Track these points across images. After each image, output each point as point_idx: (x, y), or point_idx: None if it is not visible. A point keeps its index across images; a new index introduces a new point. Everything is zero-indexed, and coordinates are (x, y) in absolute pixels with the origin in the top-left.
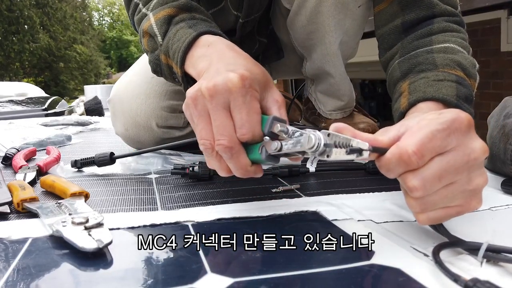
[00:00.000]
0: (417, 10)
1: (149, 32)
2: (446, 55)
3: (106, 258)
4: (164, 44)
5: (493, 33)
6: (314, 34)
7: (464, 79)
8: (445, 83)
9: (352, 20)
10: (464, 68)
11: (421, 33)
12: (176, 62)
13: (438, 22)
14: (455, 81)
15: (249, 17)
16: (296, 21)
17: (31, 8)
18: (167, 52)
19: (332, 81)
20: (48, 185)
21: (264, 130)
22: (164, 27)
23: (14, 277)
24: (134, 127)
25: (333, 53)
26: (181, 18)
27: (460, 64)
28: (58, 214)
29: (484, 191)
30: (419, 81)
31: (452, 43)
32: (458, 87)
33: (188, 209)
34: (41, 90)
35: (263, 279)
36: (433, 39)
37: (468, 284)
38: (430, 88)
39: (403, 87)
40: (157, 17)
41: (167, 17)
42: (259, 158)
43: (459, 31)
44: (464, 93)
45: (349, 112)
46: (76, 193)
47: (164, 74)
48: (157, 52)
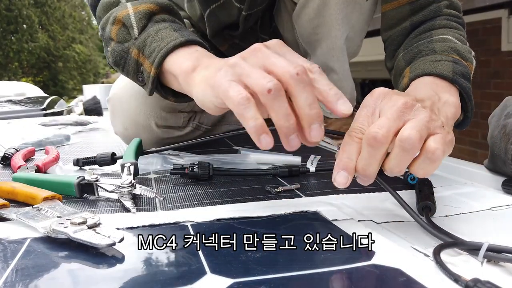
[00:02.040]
0: (425, 12)
1: (123, 22)
2: (444, 43)
3: (106, 258)
4: (141, 39)
5: (493, 32)
6: (320, 28)
7: (460, 60)
8: (442, 62)
9: (359, 14)
10: (460, 53)
11: (423, 29)
12: (152, 61)
13: (440, 20)
14: (451, 61)
15: (252, 10)
16: (302, 14)
17: (30, 7)
18: (142, 48)
19: (335, 77)
20: (6, 192)
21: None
22: (143, 21)
23: (13, 278)
24: (133, 127)
25: (338, 47)
26: (162, 18)
27: (457, 50)
28: (46, 217)
29: (484, 191)
30: (418, 63)
31: (450, 36)
32: (455, 65)
33: (188, 209)
34: (39, 89)
35: (263, 280)
36: (433, 33)
37: (469, 284)
38: (428, 66)
39: (405, 71)
40: (136, 8)
41: (148, 12)
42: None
43: (458, 28)
44: (460, 70)
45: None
46: (49, 197)
47: (127, 69)
48: (128, 45)
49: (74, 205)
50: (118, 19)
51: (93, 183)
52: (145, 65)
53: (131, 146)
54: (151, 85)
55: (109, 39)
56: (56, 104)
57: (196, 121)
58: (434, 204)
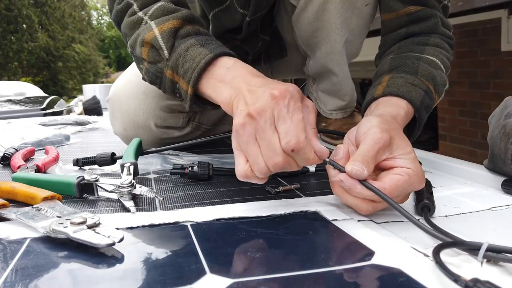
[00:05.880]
0: (422, 25)
1: (152, 44)
2: (428, 67)
3: (105, 258)
4: (172, 60)
5: (493, 32)
6: (319, 31)
7: (432, 92)
8: (416, 89)
9: (358, 18)
10: (436, 84)
11: (418, 41)
12: (188, 81)
13: (435, 37)
14: (424, 90)
15: (256, 15)
16: (302, 17)
17: (30, 7)
18: (175, 68)
19: (335, 80)
20: (6, 192)
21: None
22: (170, 41)
23: (13, 278)
24: (133, 127)
25: (338, 51)
26: (186, 32)
27: (435, 79)
28: (46, 217)
29: (484, 191)
30: (398, 79)
31: (438, 60)
32: (425, 97)
33: (187, 209)
34: (39, 89)
35: (262, 280)
36: (426, 49)
37: (469, 284)
38: (404, 88)
39: (384, 79)
40: (161, 29)
41: (172, 30)
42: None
43: (448, 50)
44: (427, 103)
45: (350, 112)
46: (49, 197)
47: (164, 87)
48: (161, 65)
49: (74, 205)
50: (146, 41)
51: (92, 183)
52: (180, 84)
53: (131, 146)
54: (189, 102)
55: (141, 59)
56: (56, 104)
57: (196, 121)
58: (433, 204)
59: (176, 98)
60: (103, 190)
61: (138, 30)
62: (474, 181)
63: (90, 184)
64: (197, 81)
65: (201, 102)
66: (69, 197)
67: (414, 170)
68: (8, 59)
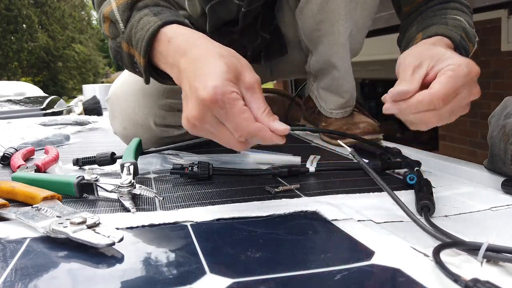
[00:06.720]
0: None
1: (110, 18)
2: (455, 21)
3: (105, 258)
4: (127, 32)
5: (493, 32)
6: (323, 23)
7: (465, 40)
8: (452, 32)
9: (362, 9)
10: (468, 34)
11: (438, 8)
12: (139, 52)
13: (454, 3)
14: (459, 35)
15: (252, 6)
16: (306, 10)
17: (30, 7)
18: (130, 40)
19: (337, 74)
20: (6, 192)
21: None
22: (126, 13)
23: (12, 277)
24: (132, 126)
25: (341, 43)
26: (144, 4)
27: (465, 30)
28: (46, 217)
29: (484, 191)
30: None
31: (462, 18)
32: (461, 39)
33: (187, 209)
34: (39, 89)
35: (262, 280)
36: (448, 11)
37: (468, 284)
38: (441, 30)
39: (417, 35)
40: (118, 2)
41: (129, 3)
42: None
43: (468, 15)
44: (463, 45)
45: (350, 111)
46: (49, 197)
47: (124, 63)
48: (119, 40)
49: (74, 204)
50: (105, 16)
51: (92, 182)
52: (136, 56)
53: (130, 146)
54: (145, 75)
55: (106, 37)
56: (56, 104)
57: None
58: (433, 204)
59: (136, 73)
60: (103, 190)
61: (101, 6)
62: (474, 181)
63: (90, 184)
64: (148, 50)
65: (160, 76)
66: (69, 197)
67: (455, 62)
68: (8, 59)
